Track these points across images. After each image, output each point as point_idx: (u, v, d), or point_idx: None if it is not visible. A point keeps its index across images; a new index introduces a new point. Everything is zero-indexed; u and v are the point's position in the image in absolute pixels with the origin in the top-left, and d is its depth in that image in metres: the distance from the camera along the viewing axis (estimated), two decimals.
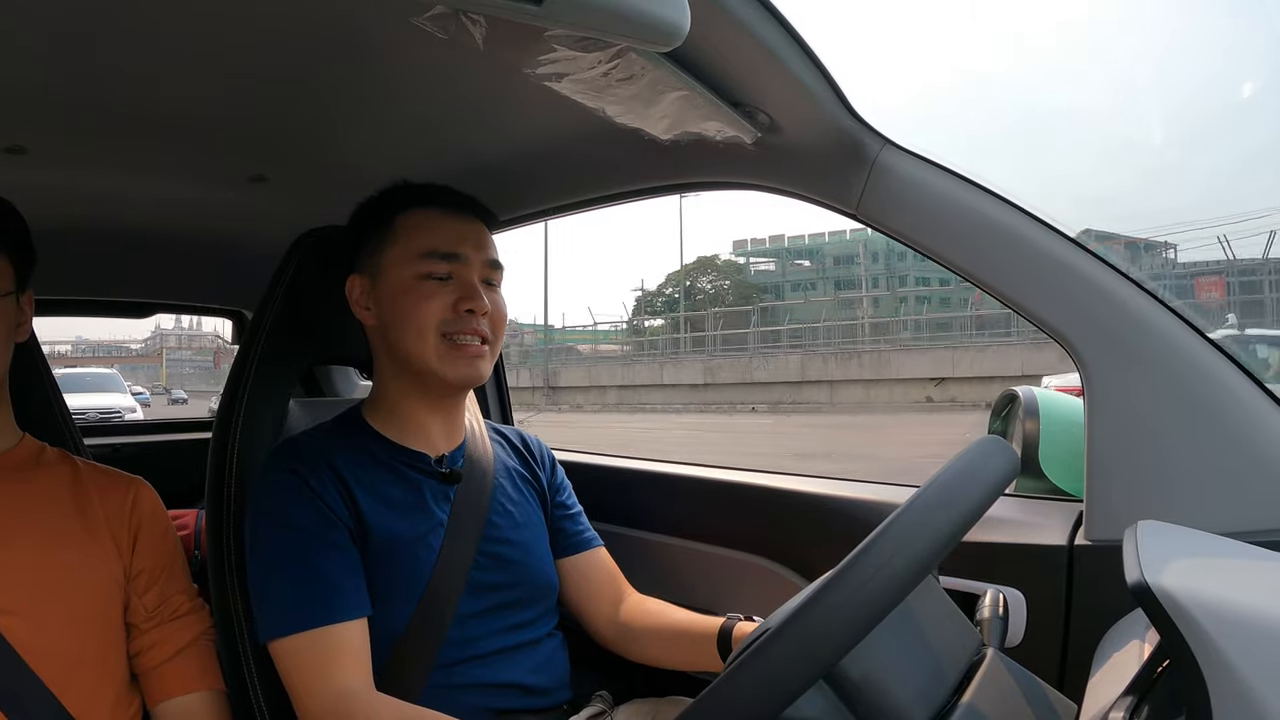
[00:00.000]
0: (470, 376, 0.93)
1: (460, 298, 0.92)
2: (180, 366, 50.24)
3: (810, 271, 41.10)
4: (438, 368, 0.92)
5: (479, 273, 0.94)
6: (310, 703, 0.82)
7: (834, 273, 39.70)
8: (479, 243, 0.96)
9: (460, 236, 0.94)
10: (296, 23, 0.78)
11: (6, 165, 1.09)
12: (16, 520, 0.85)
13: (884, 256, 37.43)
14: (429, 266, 0.92)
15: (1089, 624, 0.77)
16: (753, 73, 0.79)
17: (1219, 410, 0.78)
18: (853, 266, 38.07)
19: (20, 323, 0.88)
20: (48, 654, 0.82)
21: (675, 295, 41.17)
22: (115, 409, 9.86)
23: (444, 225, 0.95)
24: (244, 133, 1.08)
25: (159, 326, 53.63)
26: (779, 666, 0.46)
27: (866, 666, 0.54)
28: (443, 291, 0.92)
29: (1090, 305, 0.83)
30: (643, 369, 25.33)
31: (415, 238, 0.93)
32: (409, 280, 0.92)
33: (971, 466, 0.54)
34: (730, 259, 43.54)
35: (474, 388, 0.99)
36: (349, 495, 0.89)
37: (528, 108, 0.97)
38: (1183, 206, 57.81)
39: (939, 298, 32.55)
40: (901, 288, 35.07)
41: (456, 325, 0.92)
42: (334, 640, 0.83)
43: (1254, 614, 0.45)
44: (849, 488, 1.10)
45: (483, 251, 0.95)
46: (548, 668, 0.98)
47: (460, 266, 0.93)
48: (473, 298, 0.92)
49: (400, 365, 0.94)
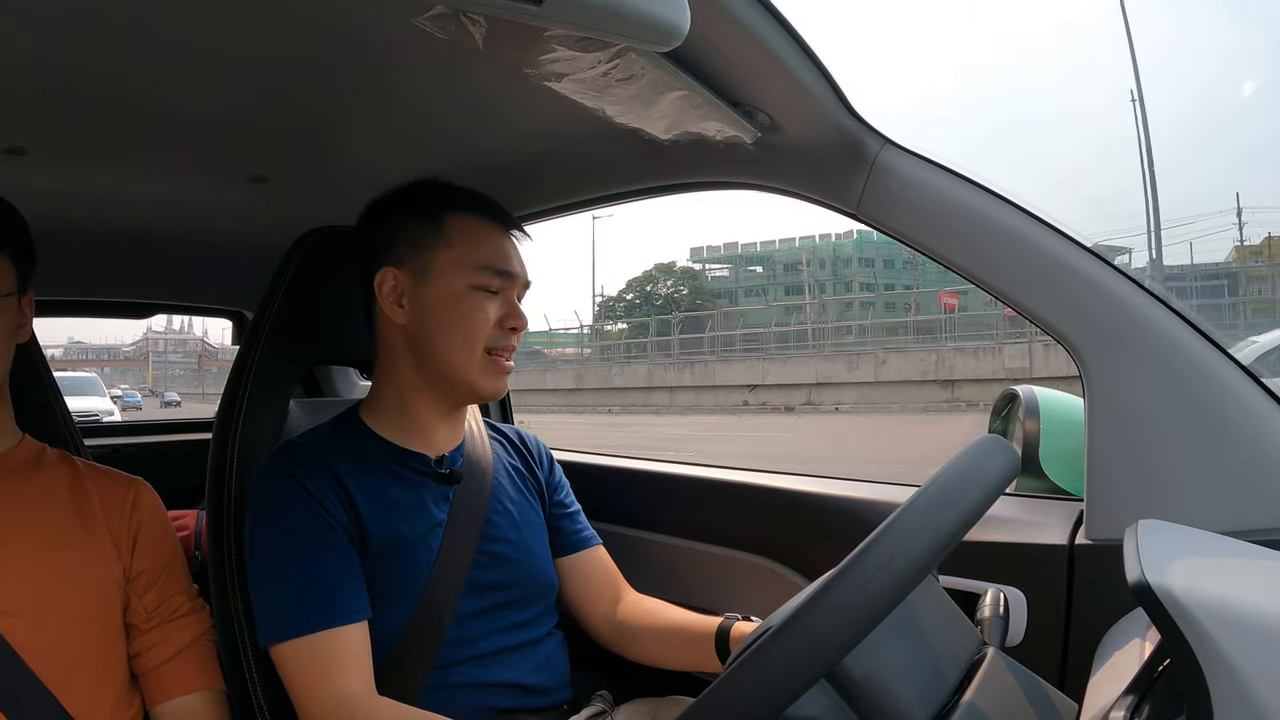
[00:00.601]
0: (500, 390, 0.95)
1: (506, 314, 0.93)
2: (170, 369, 50.78)
3: (761, 277, 43.50)
4: (477, 380, 0.92)
5: (519, 291, 0.96)
6: (311, 707, 0.82)
7: (784, 279, 42.17)
8: (523, 262, 0.97)
9: (512, 254, 0.96)
10: (297, 23, 0.78)
11: (6, 166, 1.09)
12: (16, 521, 0.85)
13: (831, 263, 40.30)
14: (484, 279, 0.92)
15: (1089, 623, 0.77)
16: (753, 73, 0.79)
17: (1219, 410, 0.78)
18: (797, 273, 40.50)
19: (21, 324, 0.88)
20: (47, 655, 0.82)
21: (635, 300, 43.72)
22: (93, 412, 10.00)
23: (499, 240, 0.95)
24: (244, 133, 1.08)
25: (150, 329, 54.21)
26: (779, 667, 0.46)
27: (868, 666, 0.54)
28: (491, 306, 0.92)
29: (1090, 305, 0.83)
30: (529, 376, 29.18)
31: (472, 246, 0.93)
32: (461, 289, 0.91)
33: (972, 466, 0.54)
34: (687, 265, 46.07)
35: (495, 399, 1.01)
36: (348, 499, 0.89)
37: (527, 108, 0.97)
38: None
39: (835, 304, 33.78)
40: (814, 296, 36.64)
41: (501, 341, 0.93)
42: (334, 644, 0.83)
43: (1255, 613, 0.45)
44: (849, 487, 1.10)
45: (525, 272, 0.97)
46: (547, 667, 0.98)
47: (509, 284, 0.94)
48: (517, 316, 0.93)
49: (429, 368, 0.93)
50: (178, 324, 57.64)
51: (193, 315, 3.51)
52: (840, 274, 40.62)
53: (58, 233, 1.14)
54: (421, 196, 0.96)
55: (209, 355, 49.40)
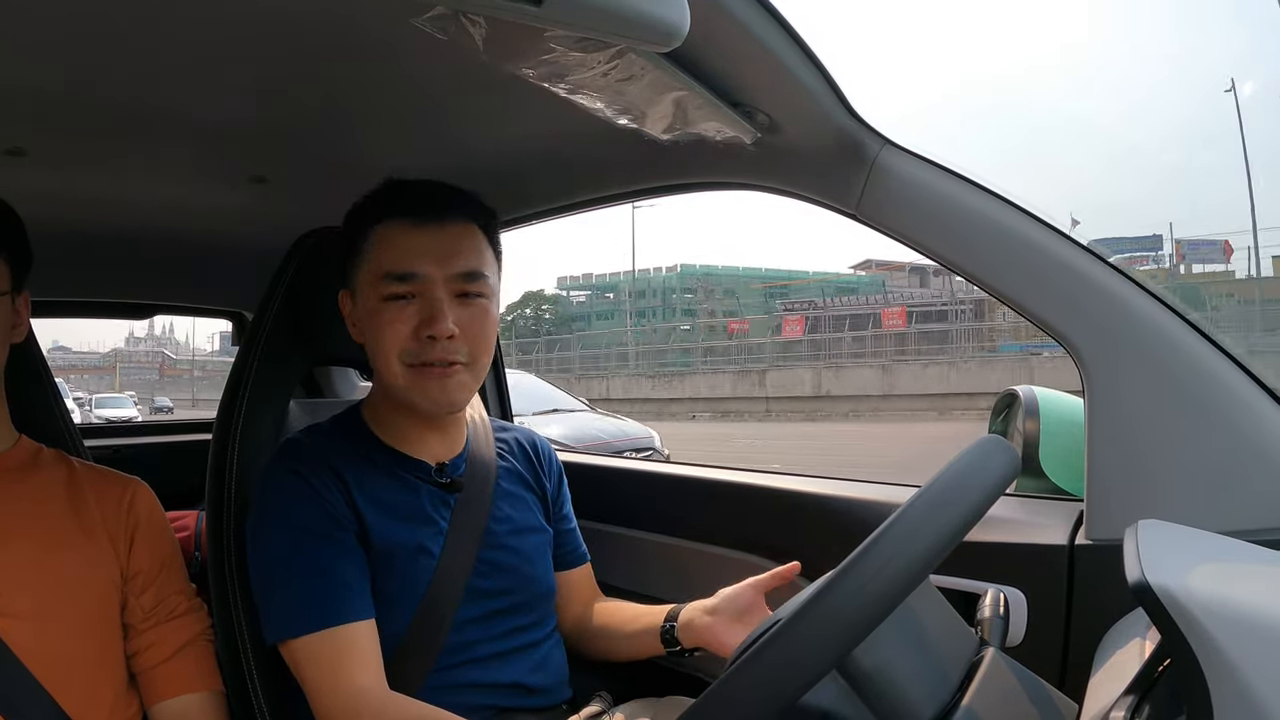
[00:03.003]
0: (442, 399, 0.88)
1: (421, 321, 0.86)
2: (139, 373, 55.08)
3: (611, 303, 48.47)
4: (410, 394, 0.89)
5: (449, 288, 0.87)
6: (324, 700, 0.82)
7: (633, 305, 47.12)
8: (443, 254, 0.87)
9: (420, 251, 0.87)
10: (296, 24, 0.78)
11: (6, 167, 1.09)
12: (13, 521, 0.85)
13: (660, 292, 45.90)
14: (389, 288, 0.87)
15: (1090, 623, 0.77)
16: (753, 73, 0.79)
17: (1219, 410, 0.78)
18: (640, 300, 45.79)
19: (16, 324, 0.88)
20: (45, 655, 0.82)
21: (514, 321, 48.79)
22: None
23: (405, 239, 0.88)
24: (244, 133, 1.08)
25: (132, 334, 59.90)
26: (779, 668, 0.46)
27: (877, 658, 0.54)
28: (405, 315, 0.86)
29: (1090, 305, 0.83)
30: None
31: (378, 255, 0.88)
32: (374, 303, 0.88)
33: (972, 466, 0.54)
34: (555, 292, 52.54)
35: (454, 412, 0.94)
36: (350, 499, 0.89)
37: (526, 108, 0.97)
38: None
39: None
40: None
41: (421, 355, 0.86)
42: (345, 640, 0.83)
43: (1255, 613, 0.45)
44: (849, 488, 1.10)
45: (448, 264, 0.87)
46: (547, 667, 0.98)
47: (421, 285, 0.87)
48: (434, 320, 0.85)
49: (383, 384, 0.93)
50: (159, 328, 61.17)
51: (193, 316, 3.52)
52: (668, 301, 45.94)
53: (57, 233, 1.14)
54: (362, 209, 0.93)
55: (169, 364, 55.77)
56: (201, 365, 52.64)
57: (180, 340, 64.60)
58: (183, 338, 65.35)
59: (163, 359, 57.39)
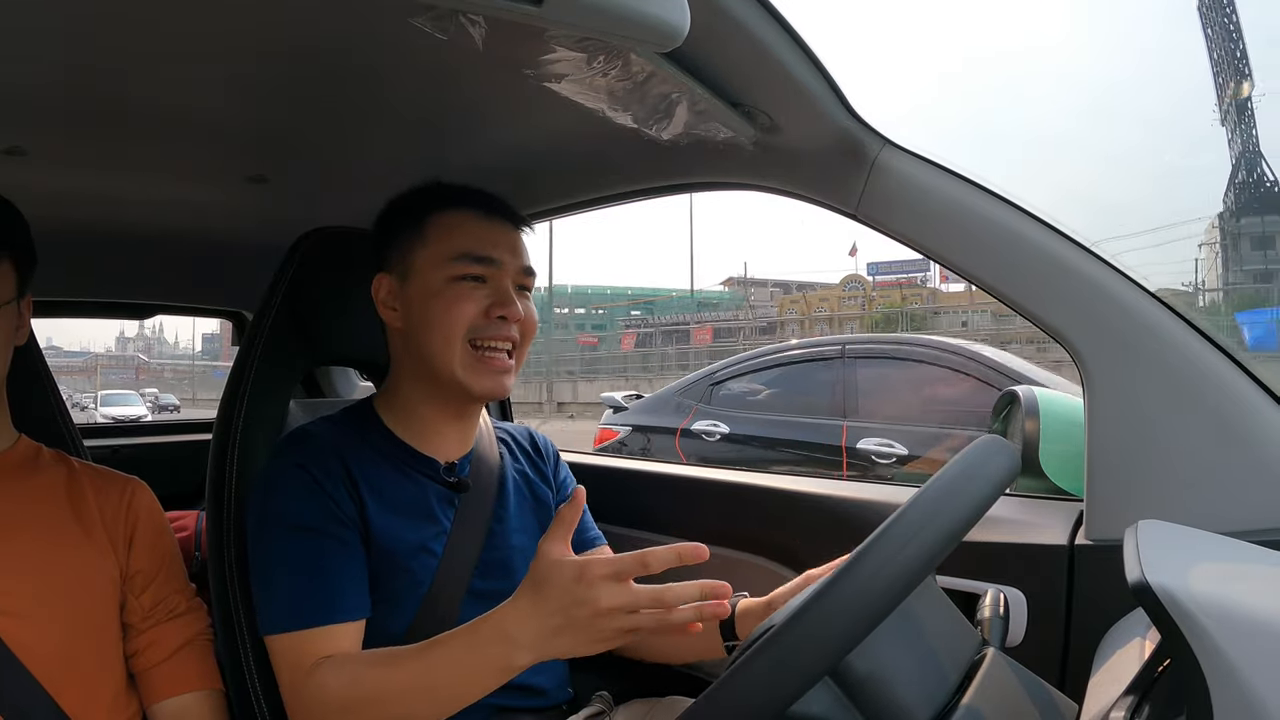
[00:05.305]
0: (493, 389, 0.92)
1: (494, 303, 0.90)
2: (119, 374, 57.31)
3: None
4: (462, 377, 0.90)
5: (513, 279, 0.93)
6: (291, 695, 0.83)
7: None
8: (514, 248, 0.94)
9: (495, 240, 0.93)
10: (296, 23, 0.78)
11: (6, 166, 1.09)
12: (13, 521, 0.85)
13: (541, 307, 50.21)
14: (462, 269, 0.90)
15: (1089, 623, 0.77)
16: (753, 73, 0.79)
17: (1219, 410, 0.78)
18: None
19: (20, 326, 0.88)
20: (44, 654, 0.82)
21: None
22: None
23: (479, 228, 0.93)
24: (244, 133, 1.08)
25: (123, 333, 61.88)
26: (778, 668, 0.46)
27: (872, 664, 0.54)
28: (475, 296, 0.90)
29: (1090, 305, 0.83)
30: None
31: (449, 239, 0.92)
32: (440, 283, 0.90)
33: (973, 466, 0.54)
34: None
35: (494, 399, 0.97)
36: (356, 495, 0.89)
37: (527, 108, 0.97)
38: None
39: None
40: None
41: (487, 331, 0.90)
42: (324, 641, 0.83)
43: (1254, 613, 0.45)
44: (850, 488, 1.10)
45: (518, 257, 0.94)
46: (547, 667, 0.97)
47: (495, 271, 0.91)
48: (506, 303, 0.90)
49: (423, 370, 0.93)
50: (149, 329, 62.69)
51: (193, 316, 3.53)
52: (544, 316, 49.66)
53: (57, 233, 1.14)
54: (413, 200, 0.96)
55: (144, 368, 58.13)
56: (173, 367, 55.44)
57: (170, 340, 66.34)
58: (172, 338, 66.99)
59: (138, 362, 60.09)
